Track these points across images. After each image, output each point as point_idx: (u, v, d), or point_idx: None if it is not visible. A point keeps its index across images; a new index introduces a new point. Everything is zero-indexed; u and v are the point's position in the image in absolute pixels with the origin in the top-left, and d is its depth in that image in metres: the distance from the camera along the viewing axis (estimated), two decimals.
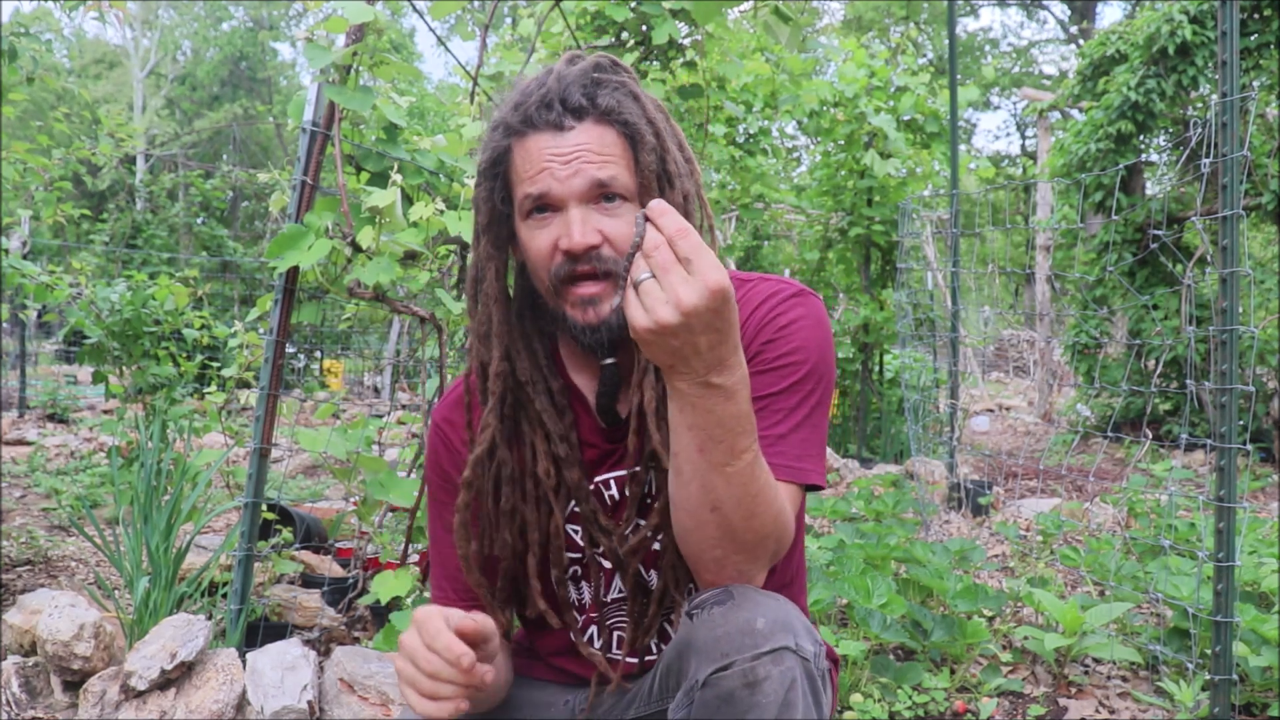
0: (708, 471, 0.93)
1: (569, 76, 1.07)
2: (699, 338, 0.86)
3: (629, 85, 1.08)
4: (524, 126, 1.07)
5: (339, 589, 2.90)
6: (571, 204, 1.05)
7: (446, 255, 2.66)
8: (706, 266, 0.85)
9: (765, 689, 0.90)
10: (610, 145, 1.05)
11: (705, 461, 0.93)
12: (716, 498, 0.94)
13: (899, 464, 6.50)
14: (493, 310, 1.13)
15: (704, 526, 0.97)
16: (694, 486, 0.95)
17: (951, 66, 5.00)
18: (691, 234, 0.86)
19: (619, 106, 1.06)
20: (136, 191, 14.46)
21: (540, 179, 1.05)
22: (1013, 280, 18.42)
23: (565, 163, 1.04)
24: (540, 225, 1.07)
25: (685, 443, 0.94)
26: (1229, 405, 2.05)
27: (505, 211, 1.12)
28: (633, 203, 1.07)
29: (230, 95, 28.81)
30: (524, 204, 1.08)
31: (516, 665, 1.29)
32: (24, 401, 7.98)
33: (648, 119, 1.07)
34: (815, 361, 1.10)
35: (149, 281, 4.13)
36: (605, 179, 1.04)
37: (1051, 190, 9.48)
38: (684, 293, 0.84)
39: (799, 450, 1.07)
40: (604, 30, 3.86)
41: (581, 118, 1.05)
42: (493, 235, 1.13)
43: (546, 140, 1.05)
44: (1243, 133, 2.13)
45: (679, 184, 1.08)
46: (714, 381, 0.89)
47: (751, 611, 0.94)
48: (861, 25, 23.83)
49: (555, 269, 1.06)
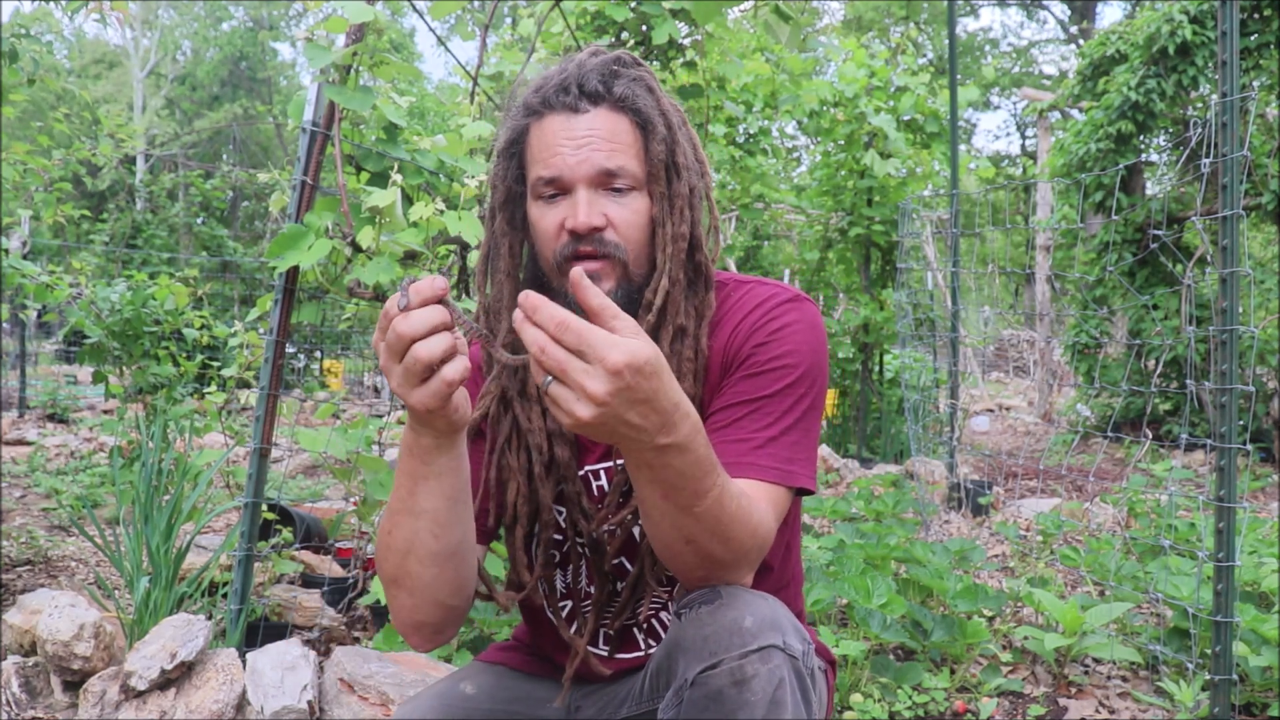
0: (676, 514, 0.93)
1: (589, 65, 1.11)
2: (628, 415, 0.82)
3: (646, 79, 1.12)
4: (541, 107, 1.10)
5: (339, 589, 2.90)
6: (580, 186, 1.08)
7: (446, 255, 2.66)
8: (602, 350, 0.79)
9: (753, 687, 0.90)
10: (622, 133, 1.09)
11: (672, 506, 0.92)
12: (689, 533, 0.94)
13: (899, 464, 6.50)
14: (504, 285, 1.16)
15: (681, 556, 0.98)
16: (664, 526, 0.95)
17: (951, 66, 5.00)
18: (571, 326, 0.80)
19: (633, 96, 1.09)
20: (136, 191, 14.46)
21: (552, 162, 1.08)
22: (1013, 280, 18.42)
23: (576, 146, 1.07)
24: (550, 205, 1.10)
25: (648, 494, 0.92)
26: (1229, 405, 2.05)
27: (519, 191, 1.15)
28: (641, 190, 1.10)
29: (230, 95, 28.81)
30: (536, 185, 1.11)
31: (514, 661, 1.29)
32: (24, 401, 7.98)
33: (661, 111, 1.11)
34: (808, 366, 1.11)
35: (149, 281, 4.13)
36: (613, 168, 1.07)
37: (1051, 190, 9.48)
38: (590, 385, 0.80)
39: (789, 453, 1.08)
40: (604, 30, 3.86)
41: (596, 103, 1.09)
42: (508, 213, 1.16)
43: (561, 122, 1.09)
44: (1243, 133, 2.13)
45: (686, 176, 1.11)
46: (663, 443, 0.85)
47: (739, 610, 0.94)
48: (861, 25, 23.83)
49: (560, 248, 1.09)
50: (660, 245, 1.11)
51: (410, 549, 1.02)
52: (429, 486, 0.99)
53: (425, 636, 1.09)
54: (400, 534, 1.02)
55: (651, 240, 1.11)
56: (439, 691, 1.22)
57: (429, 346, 0.87)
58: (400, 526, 1.01)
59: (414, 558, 1.02)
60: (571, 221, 1.07)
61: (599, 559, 1.17)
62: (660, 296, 1.09)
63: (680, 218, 1.11)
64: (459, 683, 1.24)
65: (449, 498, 1.00)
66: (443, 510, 1.00)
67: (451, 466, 0.99)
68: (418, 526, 1.00)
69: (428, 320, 0.87)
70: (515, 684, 1.26)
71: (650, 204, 1.11)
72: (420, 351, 0.87)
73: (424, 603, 1.05)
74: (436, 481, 0.99)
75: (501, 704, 1.22)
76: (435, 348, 0.87)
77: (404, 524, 1.01)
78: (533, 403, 1.16)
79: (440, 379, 0.88)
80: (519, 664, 1.29)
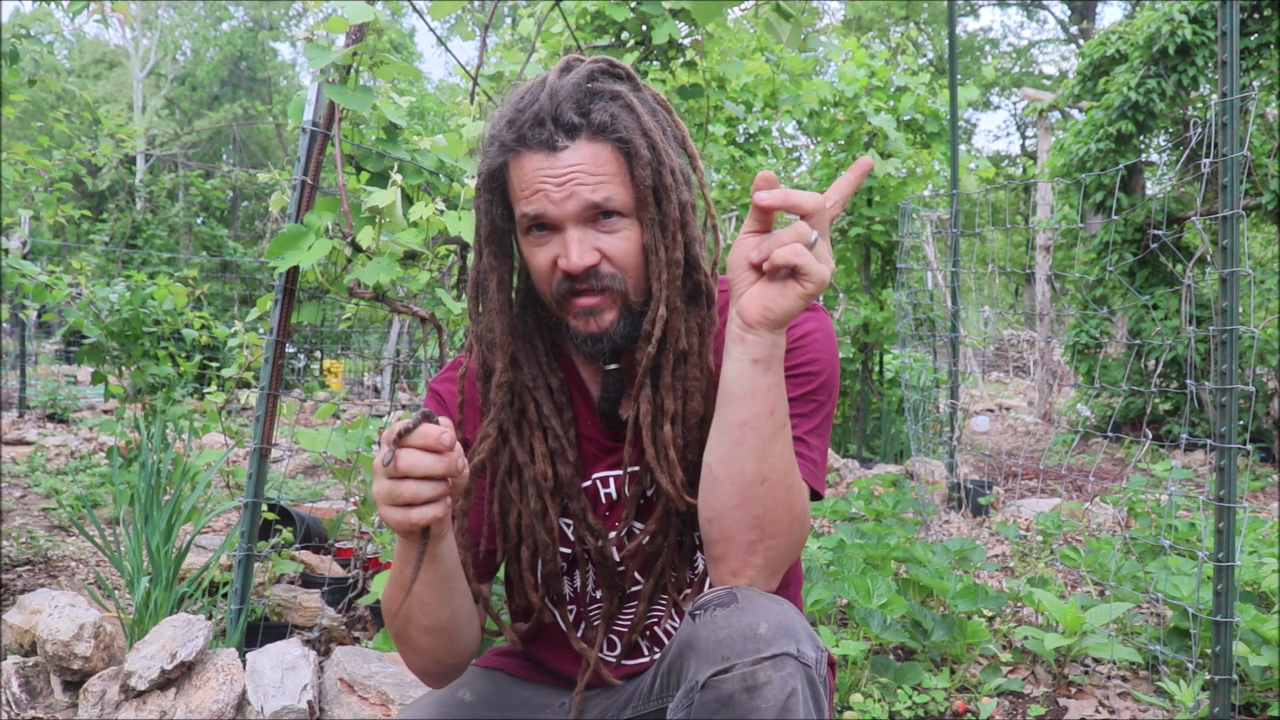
0: (772, 436, 0.97)
1: (562, 91, 1.05)
2: None
3: (623, 95, 1.06)
4: (518, 145, 1.06)
5: (339, 589, 2.90)
6: (569, 225, 1.05)
7: (446, 255, 2.66)
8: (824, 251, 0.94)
9: (765, 694, 0.90)
10: (605, 163, 1.05)
11: (772, 425, 0.97)
12: (770, 467, 0.98)
13: (899, 464, 6.50)
14: (495, 320, 1.14)
15: (749, 503, 0.99)
16: (754, 455, 0.98)
17: (951, 66, 5.00)
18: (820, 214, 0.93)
19: (613, 121, 1.05)
20: (136, 191, 14.46)
21: (535, 200, 1.05)
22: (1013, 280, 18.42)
23: (559, 185, 1.04)
24: (539, 243, 1.08)
25: (759, 406, 0.97)
26: (1229, 405, 2.05)
27: (506, 227, 1.13)
28: (631, 218, 1.07)
29: (230, 95, 28.82)
30: (522, 222, 1.08)
31: (512, 667, 1.29)
32: (24, 401, 7.98)
33: (643, 130, 1.06)
34: (829, 374, 1.13)
35: (148, 281, 4.13)
36: (599, 200, 1.04)
37: (1051, 190, 9.48)
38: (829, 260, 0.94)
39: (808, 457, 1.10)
40: (604, 30, 3.86)
41: (575, 136, 1.04)
42: (494, 247, 1.14)
43: (540, 161, 1.05)
44: (1243, 133, 2.13)
45: (675, 195, 1.08)
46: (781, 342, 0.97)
47: (755, 615, 0.94)
48: (861, 25, 23.83)
49: (556, 285, 1.08)
50: (655, 273, 1.08)
51: (408, 618, 1.08)
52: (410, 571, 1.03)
53: (434, 681, 1.18)
54: (395, 604, 1.07)
55: (648, 264, 1.09)
56: (436, 699, 1.22)
57: (415, 489, 0.92)
58: (394, 599, 1.07)
59: (412, 625, 1.09)
60: (564, 263, 1.05)
61: (608, 573, 1.17)
62: (659, 326, 1.07)
63: (674, 241, 1.08)
64: (457, 689, 1.24)
65: (430, 585, 1.05)
66: (426, 595, 1.05)
67: (430, 559, 1.02)
68: (409, 602, 1.06)
69: (424, 466, 0.92)
70: (513, 690, 1.25)
71: (641, 230, 1.08)
72: (406, 488, 0.92)
73: (426, 660, 1.13)
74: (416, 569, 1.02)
75: (499, 710, 1.22)
76: (421, 491, 0.92)
77: (397, 597, 1.06)
78: (533, 429, 1.15)
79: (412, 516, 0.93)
80: (517, 670, 1.29)
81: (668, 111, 1.12)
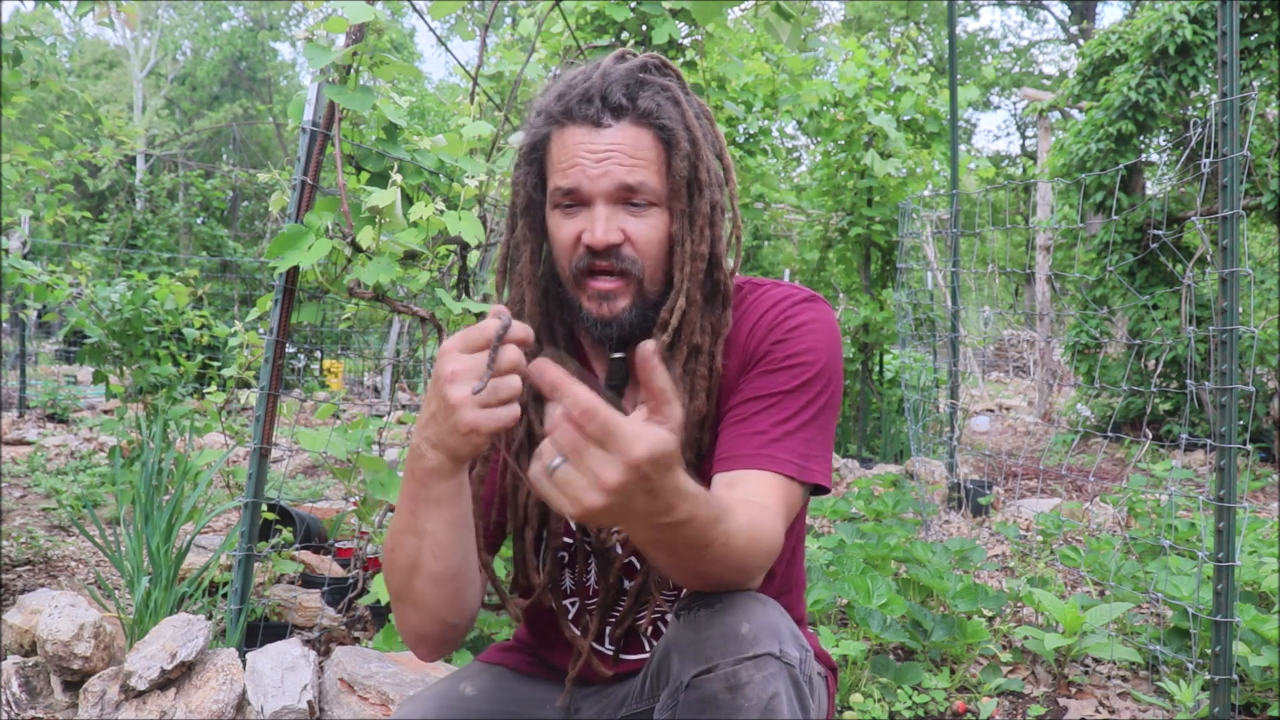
0: (683, 565, 0.92)
1: (614, 74, 1.08)
2: (634, 503, 0.76)
3: (672, 89, 1.09)
4: (563, 117, 1.08)
5: (339, 589, 2.90)
6: (598, 201, 1.07)
7: (446, 255, 2.66)
8: (627, 441, 0.72)
9: (747, 693, 0.91)
10: (644, 149, 1.07)
11: (677, 562, 0.92)
12: (699, 572, 0.94)
13: (899, 464, 6.50)
14: (525, 291, 1.15)
15: (694, 584, 0.99)
16: (672, 573, 0.97)
17: (951, 66, 5.00)
18: (598, 415, 0.72)
19: (658, 110, 1.07)
20: (136, 191, 14.45)
21: (572, 174, 1.07)
22: (1013, 280, 18.42)
23: (597, 161, 1.06)
24: (568, 216, 1.09)
25: (651, 555, 0.92)
26: (1229, 405, 2.05)
27: (539, 198, 1.14)
28: (661, 207, 1.09)
29: (230, 95, 28.84)
30: (554, 194, 1.10)
31: (514, 663, 1.30)
32: (24, 401, 7.97)
33: (685, 124, 1.08)
34: (824, 364, 1.11)
35: (149, 281, 4.14)
36: (633, 183, 1.06)
37: (1051, 190, 9.48)
38: (605, 474, 0.73)
39: (804, 449, 1.08)
40: (604, 30, 3.86)
41: (620, 117, 1.07)
42: (529, 219, 1.16)
43: (583, 135, 1.07)
44: (1243, 133, 2.13)
45: (708, 193, 1.10)
46: (662, 522, 0.81)
47: (737, 616, 0.95)
48: (861, 25, 23.83)
49: (576, 260, 1.09)
50: (679, 264, 1.09)
51: (415, 567, 1.03)
52: (429, 510, 0.99)
53: (430, 649, 1.11)
54: (404, 552, 1.03)
55: (669, 257, 1.10)
56: (438, 692, 1.23)
57: (514, 384, 0.91)
58: (403, 545, 1.03)
59: (418, 575, 1.03)
60: (589, 237, 1.06)
61: (605, 566, 1.17)
62: (677, 316, 1.09)
63: (700, 236, 1.10)
64: (458, 684, 1.24)
65: (449, 522, 1.01)
66: (443, 533, 1.01)
67: (452, 493, 0.99)
68: (420, 546, 1.01)
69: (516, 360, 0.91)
70: (515, 685, 1.26)
71: (670, 220, 1.09)
72: (506, 384, 0.91)
73: (428, 619, 1.07)
74: (436, 506, 0.99)
75: (501, 705, 1.22)
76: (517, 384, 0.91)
77: (407, 543, 1.02)
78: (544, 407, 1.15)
79: (510, 411, 0.91)
80: (519, 665, 1.29)
81: (710, 121, 1.14)
